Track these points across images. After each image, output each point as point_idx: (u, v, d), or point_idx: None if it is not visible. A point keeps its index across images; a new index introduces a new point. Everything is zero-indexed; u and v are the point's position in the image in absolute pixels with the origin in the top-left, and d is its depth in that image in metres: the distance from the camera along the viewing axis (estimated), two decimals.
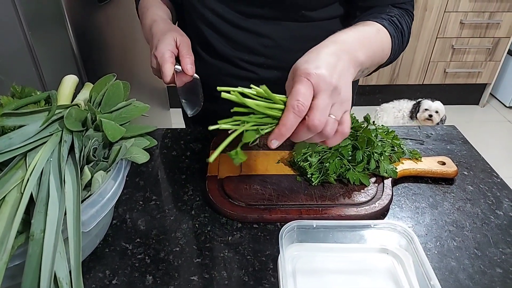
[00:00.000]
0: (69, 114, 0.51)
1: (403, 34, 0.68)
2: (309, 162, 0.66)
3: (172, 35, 0.66)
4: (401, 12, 0.70)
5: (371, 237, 0.56)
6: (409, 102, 2.46)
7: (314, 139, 0.50)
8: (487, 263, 0.54)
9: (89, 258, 0.54)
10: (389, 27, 0.65)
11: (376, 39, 0.62)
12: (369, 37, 0.60)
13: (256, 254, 0.55)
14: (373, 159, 0.66)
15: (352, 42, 0.55)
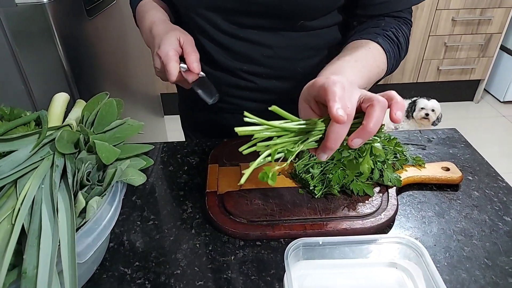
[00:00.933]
0: (61, 137, 0.49)
1: (400, 47, 0.68)
2: (311, 173, 0.64)
3: (175, 34, 0.65)
4: (398, 24, 0.69)
5: (379, 251, 0.54)
6: (404, 100, 2.45)
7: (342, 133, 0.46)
8: (498, 273, 0.53)
9: (86, 285, 0.52)
10: (384, 43, 0.64)
11: (368, 58, 0.62)
12: (361, 60, 0.60)
13: (260, 274, 0.53)
14: (376, 168, 0.64)
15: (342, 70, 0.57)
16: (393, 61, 0.67)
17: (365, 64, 0.60)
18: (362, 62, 0.60)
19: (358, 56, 0.61)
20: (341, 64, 0.59)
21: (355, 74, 0.57)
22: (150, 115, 1.55)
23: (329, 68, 0.58)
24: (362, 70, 0.59)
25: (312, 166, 0.65)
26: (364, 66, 0.60)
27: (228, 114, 0.85)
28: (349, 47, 0.64)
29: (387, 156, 0.66)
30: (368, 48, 0.63)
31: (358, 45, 0.64)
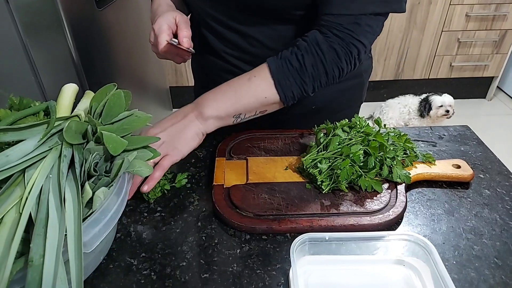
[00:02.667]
0: (69, 127, 0.49)
1: (302, 71, 0.65)
2: (319, 168, 0.63)
3: (172, 13, 0.69)
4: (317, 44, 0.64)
5: (386, 248, 0.53)
6: (414, 97, 2.42)
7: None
8: (508, 273, 0.52)
9: (93, 275, 0.52)
10: (277, 70, 0.65)
11: (243, 89, 0.67)
12: (231, 91, 0.68)
13: (266, 268, 0.53)
14: (385, 164, 0.63)
15: (204, 102, 0.68)
16: (290, 87, 0.66)
17: (232, 95, 0.67)
18: (230, 93, 0.68)
19: (232, 88, 0.68)
20: (208, 95, 0.68)
21: (212, 107, 0.67)
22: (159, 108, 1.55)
23: (201, 96, 0.69)
24: (224, 102, 0.67)
25: (320, 161, 0.64)
26: (229, 98, 0.67)
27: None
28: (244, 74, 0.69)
29: (397, 153, 0.65)
30: (253, 76, 0.67)
31: (250, 71, 0.68)
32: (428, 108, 2.31)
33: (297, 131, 0.79)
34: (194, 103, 0.69)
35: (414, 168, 0.67)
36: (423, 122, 2.38)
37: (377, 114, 2.48)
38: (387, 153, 0.63)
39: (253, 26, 0.74)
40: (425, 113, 2.33)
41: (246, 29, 0.74)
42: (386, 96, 2.86)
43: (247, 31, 0.74)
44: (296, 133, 0.78)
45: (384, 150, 0.63)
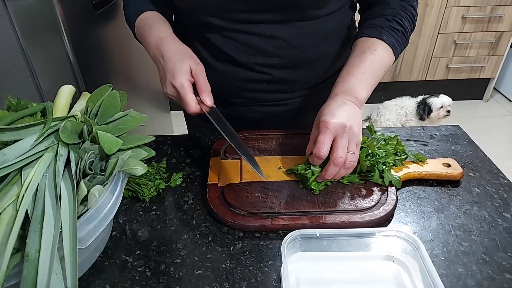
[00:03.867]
0: (65, 127, 0.50)
1: (406, 31, 0.73)
2: (311, 170, 0.64)
3: (187, 63, 0.66)
4: (403, 7, 0.73)
5: (376, 245, 0.55)
6: (411, 99, 2.43)
7: (340, 173, 0.63)
8: (495, 268, 0.53)
9: (89, 272, 0.53)
10: (389, 38, 0.71)
11: (374, 63, 0.69)
12: (367, 68, 0.68)
13: (258, 265, 0.54)
14: (376, 169, 0.64)
15: (352, 89, 0.67)
16: (400, 48, 0.73)
17: (371, 73, 0.68)
18: (369, 71, 0.68)
19: (364, 66, 0.68)
20: (350, 82, 0.68)
21: (362, 89, 0.67)
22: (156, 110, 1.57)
23: (340, 87, 0.68)
24: (368, 81, 0.68)
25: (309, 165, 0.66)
26: (370, 76, 0.68)
27: (243, 107, 0.86)
28: (356, 52, 0.71)
29: (388, 159, 0.65)
30: (374, 50, 0.70)
31: (364, 48, 0.70)
32: (428, 110, 2.30)
33: (290, 131, 0.80)
34: (341, 95, 0.66)
35: (405, 167, 0.68)
36: (421, 124, 2.39)
37: (374, 115, 2.49)
38: (378, 159, 0.64)
39: (277, 26, 0.72)
40: (425, 116, 2.32)
41: (269, 32, 0.73)
42: (383, 98, 2.87)
43: (271, 34, 0.73)
44: (289, 133, 0.79)
45: (376, 156, 0.64)
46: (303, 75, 0.80)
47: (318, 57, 0.78)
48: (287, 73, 0.79)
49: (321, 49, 0.78)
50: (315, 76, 0.82)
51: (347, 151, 0.62)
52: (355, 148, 0.63)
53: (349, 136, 0.62)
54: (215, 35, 0.75)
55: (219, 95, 0.76)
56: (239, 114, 0.87)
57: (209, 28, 0.74)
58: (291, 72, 0.79)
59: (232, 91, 0.83)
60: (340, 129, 0.61)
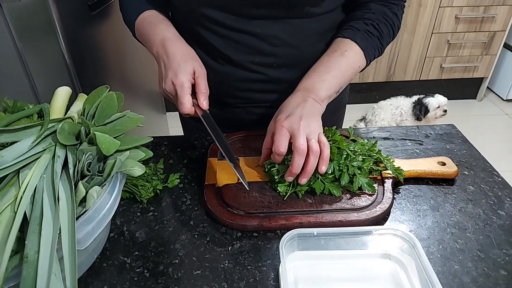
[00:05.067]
0: (62, 128, 0.50)
1: (382, 38, 0.74)
2: (276, 168, 0.65)
3: (191, 64, 0.68)
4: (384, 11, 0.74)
5: (373, 243, 0.55)
6: (406, 99, 2.45)
7: (311, 161, 0.61)
8: (491, 265, 0.54)
9: (87, 273, 0.53)
10: (362, 41, 0.72)
11: (341, 64, 0.71)
12: (333, 68, 0.70)
13: (256, 264, 0.55)
14: (346, 173, 0.63)
15: (313, 86, 0.69)
16: (374, 53, 0.74)
17: (336, 73, 0.70)
18: (334, 71, 0.70)
19: (331, 64, 0.71)
20: (313, 79, 0.70)
21: (323, 88, 0.69)
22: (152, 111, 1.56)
23: (303, 83, 0.71)
24: (331, 80, 0.70)
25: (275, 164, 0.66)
26: (334, 75, 0.70)
27: (239, 108, 0.86)
28: (328, 51, 0.74)
29: (364, 164, 0.65)
30: (344, 51, 0.72)
31: (336, 48, 0.73)
32: (424, 110, 2.31)
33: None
34: (302, 91, 0.69)
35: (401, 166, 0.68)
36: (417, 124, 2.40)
37: (369, 115, 2.50)
38: (351, 161, 0.64)
39: (272, 24, 0.73)
40: (422, 116, 2.32)
41: (265, 30, 0.73)
42: (378, 97, 2.89)
43: (267, 31, 0.73)
44: None
45: (348, 158, 0.64)
46: (299, 75, 0.80)
47: (313, 56, 0.78)
48: (282, 72, 0.80)
49: (316, 48, 0.78)
50: None
51: (308, 140, 0.62)
52: (316, 137, 0.62)
53: (305, 129, 0.62)
54: (210, 34, 0.75)
55: (216, 96, 0.77)
56: (235, 116, 0.87)
57: (205, 26, 0.74)
58: (286, 72, 0.80)
59: (228, 91, 0.83)
60: (294, 124, 0.62)
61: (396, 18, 0.76)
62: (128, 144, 0.52)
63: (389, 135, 0.82)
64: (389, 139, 0.80)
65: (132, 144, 0.52)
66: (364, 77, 2.71)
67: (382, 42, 0.75)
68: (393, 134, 0.82)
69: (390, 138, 0.81)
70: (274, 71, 0.79)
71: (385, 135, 0.82)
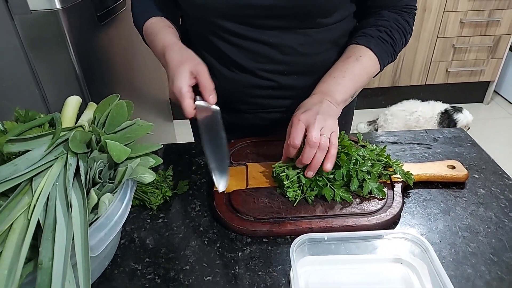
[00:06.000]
0: (74, 137, 0.51)
1: (395, 44, 0.76)
2: (286, 173, 0.65)
3: (186, 66, 0.66)
4: (397, 19, 0.75)
5: (384, 247, 0.55)
6: (422, 103, 2.37)
7: (317, 155, 0.62)
8: (504, 268, 0.53)
9: (98, 280, 0.54)
10: (376, 47, 0.74)
11: (356, 68, 0.73)
12: (348, 72, 0.72)
13: (267, 270, 0.55)
14: (356, 178, 0.63)
15: (329, 89, 0.71)
16: (387, 58, 0.76)
17: (351, 77, 0.72)
18: (349, 75, 0.72)
19: (346, 69, 0.72)
20: (329, 83, 0.72)
21: (339, 91, 0.70)
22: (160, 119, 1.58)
23: (319, 87, 0.73)
24: (347, 84, 0.71)
25: (287, 168, 0.66)
26: (350, 79, 0.72)
27: (249, 114, 0.87)
28: (342, 57, 0.76)
29: (374, 169, 0.65)
30: (359, 57, 0.73)
31: (350, 54, 0.74)
32: (452, 126, 2.20)
33: None
34: (318, 94, 0.70)
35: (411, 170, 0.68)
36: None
37: (381, 121, 2.44)
38: (360, 166, 0.64)
39: (284, 34, 0.74)
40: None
41: (278, 39, 0.74)
42: (384, 102, 2.89)
43: (279, 41, 0.74)
44: None
45: (357, 164, 0.64)
46: (310, 81, 0.80)
47: (324, 64, 0.79)
48: (293, 79, 0.80)
49: (327, 56, 0.79)
50: None
51: (321, 134, 0.62)
52: (328, 133, 0.63)
53: (320, 123, 0.63)
54: (222, 42, 0.76)
55: (226, 101, 0.77)
56: (246, 122, 0.88)
57: (217, 35, 0.75)
58: (298, 79, 0.80)
59: (238, 97, 0.83)
60: (311, 118, 0.63)
61: (408, 25, 0.77)
62: (138, 152, 0.53)
63: (397, 139, 0.81)
64: (398, 143, 0.80)
65: (143, 151, 0.53)
66: (370, 82, 2.71)
67: (395, 48, 0.76)
68: (401, 138, 0.82)
69: (399, 142, 0.81)
70: (285, 78, 0.80)
71: (393, 139, 0.82)
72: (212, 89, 0.66)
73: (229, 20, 0.72)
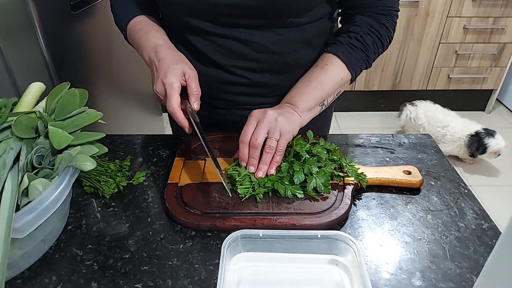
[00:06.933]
0: (18, 121, 0.52)
1: (367, 50, 0.75)
2: (238, 171, 0.66)
3: (182, 66, 0.69)
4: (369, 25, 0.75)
5: (322, 248, 0.55)
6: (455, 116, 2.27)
7: (265, 158, 0.65)
8: (440, 276, 0.53)
9: (38, 263, 0.55)
10: (344, 54, 0.74)
11: (321, 77, 0.74)
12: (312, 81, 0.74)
13: (204, 263, 0.55)
14: (301, 171, 0.64)
15: (292, 98, 0.74)
16: (358, 65, 0.75)
17: (315, 85, 0.74)
18: (313, 84, 0.74)
19: (310, 78, 0.75)
20: (292, 93, 0.75)
21: (301, 99, 0.73)
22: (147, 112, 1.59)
23: (285, 98, 0.76)
24: (310, 93, 0.73)
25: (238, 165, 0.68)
26: (314, 88, 0.74)
27: (223, 109, 0.87)
28: (312, 68, 0.77)
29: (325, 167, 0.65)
30: (325, 65, 0.75)
31: (318, 63, 0.76)
32: (482, 150, 2.09)
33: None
34: (282, 103, 0.74)
35: (365, 173, 0.68)
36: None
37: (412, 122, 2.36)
38: (309, 163, 0.64)
39: (255, 32, 0.74)
40: (477, 154, 2.11)
41: (249, 37, 0.74)
42: (384, 106, 2.87)
43: (251, 38, 0.74)
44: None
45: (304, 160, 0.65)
46: (282, 80, 0.81)
47: (297, 62, 0.79)
48: (265, 77, 0.80)
49: (300, 55, 0.79)
50: (294, 81, 0.83)
51: (268, 137, 0.64)
52: (278, 135, 0.65)
53: (270, 123, 0.65)
54: (195, 37, 0.77)
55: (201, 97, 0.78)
56: (219, 117, 0.89)
57: (190, 30, 0.76)
58: (270, 77, 0.80)
59: (212, 93, 0.84)
60: (262, 115, 0.65)
61: (385, 28, 0.76)
62: (81, 139, 0.54)
63: (361, 142, 0.81)
64: (361, 146, 0.80)
65: (85, 140, 0.54)
66: (370, 85, 2.69)
67: (368, 54, 0.76)
68: (366, 141, 0.82)
69: (363, 145, 0.80)
70: (257, 76, 0.80)
71: (358, 142, 0.82)
72: (198, 95, 0.69)
73: (199, 18, 0.73)
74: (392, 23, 0.78)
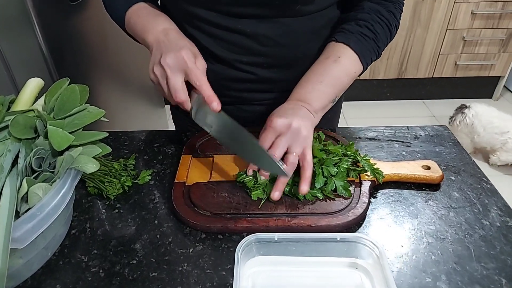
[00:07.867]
0: (16, 121, 0.49)
1: (378, 40, 0.70)
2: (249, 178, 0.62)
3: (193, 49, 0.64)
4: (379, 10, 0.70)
5: (340, 251, 0.52)
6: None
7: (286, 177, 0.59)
8: (466, 279, 0.50)
9: (41, 271, 0.52)
10: (356, 45, 0.68)
11: (335, 71, 0.68)
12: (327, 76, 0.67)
13: (216, 268, 0.52)
14: (320, 175, 0.60)
15: (306, 96, 0.66)
16: (370, 56, 0.70)
17: (330, 82, 0.68)
18: (328, 80, 0.67)
19: (324, 73, 0.68)
20: (306, 89, 0.67)
21: (316, 97, 0.66)
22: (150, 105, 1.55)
23: (296, 93, 0.68)
24: (325, 90, 0.67)
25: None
26: (328, 84, 0.67)
27: (230, 106, 0.84)
28: (321, 58, 0.70)
29: (341, 164, 0.62)
30: (338, 57, 0.68)
31: (329, 54, 0.69)
32: None
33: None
34: (294, 101, 0.66)
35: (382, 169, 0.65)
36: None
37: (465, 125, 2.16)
38: (326, 164, 0.61)
39: (261, 23, 0.69)
40: None
41: (254, 29, 0.70)
42: (389, 95, 2.82)
43: (257, 31, 0.70)
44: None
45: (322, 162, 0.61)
46: (291, 74, 0.76)
47: (307, 55, 0.75)
48: (273, 72, 0.76)
49: (309, 47, 0.75)
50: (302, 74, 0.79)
51: (289, 152, 0.60)
52: (299, 150, 0.60)
53: (292, 137, 0.60)
54: (198, 32, 0.72)
55: None
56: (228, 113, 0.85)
57: (193, 24, 0.72)
58: (278, 72, 0.76)
59: (217, 89, 0.79)
60: (284, 128, 0.60)
61: (393, 16, 0.72)
62: (82, 139, 0.50)
63: (375, 135, 0.78)
64: (375, 139, 0.77)
65: (87, 140, 0.50)
66: (375, 73, 2.64)
67: (379, 44, 0.71)
68: (380, 134, 0.78)
69: (377, 138, 0.77)
70: (264, 71, 0.76)
71: (372, 135, 0.78)
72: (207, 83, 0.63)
73: (203, 7, 0.69)
74: (400, 10, 0.74)
